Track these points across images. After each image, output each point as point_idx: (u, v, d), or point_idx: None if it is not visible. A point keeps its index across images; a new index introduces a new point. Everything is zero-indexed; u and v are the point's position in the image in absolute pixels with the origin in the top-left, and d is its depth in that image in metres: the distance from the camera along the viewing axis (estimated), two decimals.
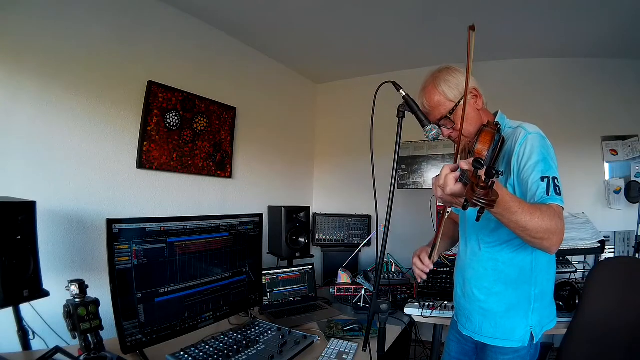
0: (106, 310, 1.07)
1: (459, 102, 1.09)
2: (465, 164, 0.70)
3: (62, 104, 1.67)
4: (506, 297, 1.11)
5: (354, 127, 3.23)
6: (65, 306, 1.02)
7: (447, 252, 1.99)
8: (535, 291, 1.09)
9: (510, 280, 1.11)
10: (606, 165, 2.55)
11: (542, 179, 0.94)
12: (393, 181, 1.04)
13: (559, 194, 0.92)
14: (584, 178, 2.57)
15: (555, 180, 0.94)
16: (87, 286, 1.07)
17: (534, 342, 1.09)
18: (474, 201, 0.63)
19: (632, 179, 2.37)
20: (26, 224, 1.14)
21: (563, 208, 0.92)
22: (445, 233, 1.34)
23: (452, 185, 0.73)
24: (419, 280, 1.22)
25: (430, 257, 1.15)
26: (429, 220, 2.48)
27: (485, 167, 0.63)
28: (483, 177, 0.63)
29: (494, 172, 0.61)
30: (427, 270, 1.16)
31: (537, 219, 0.82)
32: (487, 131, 0.94)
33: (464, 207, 0.68)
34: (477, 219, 0.67)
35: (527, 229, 0.82)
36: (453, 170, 0.76)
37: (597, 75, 2.61)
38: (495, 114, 1.18)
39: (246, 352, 1.23)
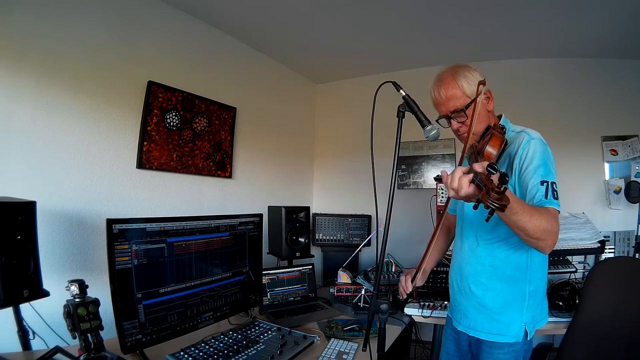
0: (106, 310, 1.07)
1: (474, 99, 1.11)
2: (479, 167, 0.74)
3: (62, 104, 1.67)
4: (502, 293, 1.15)
5: (354, 127, 3.23)
6: (65, 306, 1.02)
7: (447, 252, 2.00)
8: (529, 288, 1.14)
9: (506, 276, 1.14)
10: (606, 165, 2.55)
11: (542, 182, 0.98)
12: (393, 181, 1.05)
13: (556, 198, 0.97)
14: (584, 178, 2.57)
15: (554, 185, 0.99)
16: (87, 286, 1.07)
17: (528, 339, 1.13)
18: (489, 204, 0.66)
19: (632, 179, 2.37)
20: (26, 224, 1.13)
21: (559, 211, 0.96)
22: (437, 250, 1.44)
23: (467, 188, 0.76)
24: (400, 297, 1.36)
25: (412, 280, 1.28)
26: (429, 220, 2.48)
27: (498, 172, 0.69)
28: (496, 182, 0.68)
29: (507, 178, 0.66)
30: (407, 292, 1.30)
31: (536, 221, 0.86)
32: (498, 136, 0.98)
33: (475, 207, 0.72)
34: (487, 220, 0.71)
35: (526, 229, 0.87)
36: (465, 173, 0.79)
37: (597, 75, 2.61)
38: (499, 117, 1.23)
39: (246, 352, 1.23)
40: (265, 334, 1.39)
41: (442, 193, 2.35)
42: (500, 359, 1.14)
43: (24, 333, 1.20)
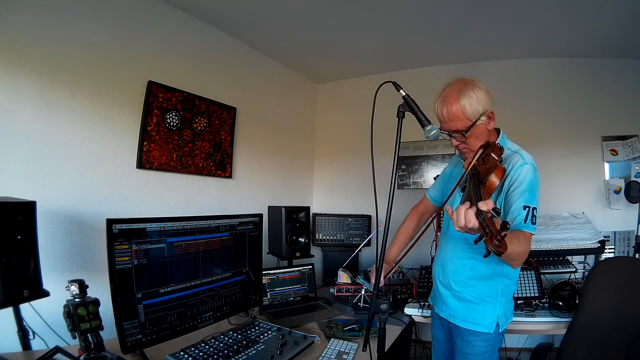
0: (106, 310, 1.07)
1: (475, 121, 1.16)
2: (484, 206, 0.80)
3: (62, 104, 1.66)
4: (478, 289, 1.27)
5: (354, 127, 3.22)
6: (65, 306, 1.02)
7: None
8: (501, 287, 1.26)
9: (484, 276, 1.26)
10: (606, 165, 2.55)
11: (524, 207, 1.08)
12: (393, 181, 1.05)
13: (534, 223, 1.08)
14: (584, 178, 2.57)
15: (535, 210, 1.09)
16: (87, 286, 1.07)
17: (500, 331, 1.27)
18: (490, 248, 0.76)
19: (632, 179, 2.37)
20: (26, 224, 1.13)
21: (533, 234, 1.08)
22: (404, 239, 1.63)
23: (474, 221, 0.82)
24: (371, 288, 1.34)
25: (386, 276, 1.40)
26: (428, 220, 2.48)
27: (500, 216, 0.77)
28: (497, 226, 0.76)
29: (507, 226, 0.74)
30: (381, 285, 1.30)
31: (514, 246, 0.95)
32: (500, 168, 1.01)
33: (475, 242, 0.81)
34: (485, 256, 0.80)
35: (505, 254, 0.95)
36: (467, 209, 0.86)
37: (597, 75, 2.61)
38: (498, 132, 1.28)
39: (246, 352, 1.23)
40: (265, 334, 1.39)
41: None
42: (477, 346, 1.25)
43: (24, 333, 1.21)
